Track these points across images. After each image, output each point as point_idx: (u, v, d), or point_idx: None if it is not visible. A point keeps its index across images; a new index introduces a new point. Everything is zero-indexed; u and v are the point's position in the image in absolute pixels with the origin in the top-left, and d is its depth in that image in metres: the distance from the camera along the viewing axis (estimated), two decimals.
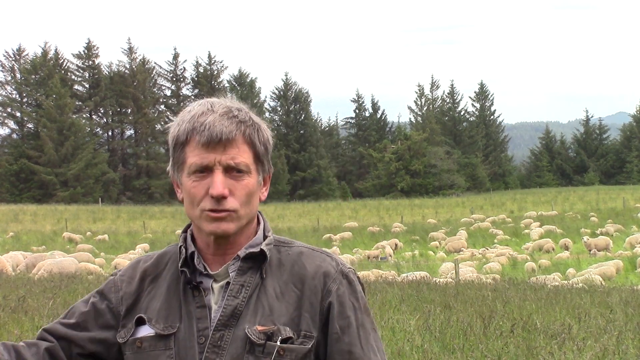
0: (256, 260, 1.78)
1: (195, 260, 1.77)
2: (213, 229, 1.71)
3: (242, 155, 1.72)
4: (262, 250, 1.78)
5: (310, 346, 1.74)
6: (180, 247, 1.80)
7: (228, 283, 1.75)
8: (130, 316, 1.81)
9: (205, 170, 1.71)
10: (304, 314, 1.75)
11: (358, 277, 1.85)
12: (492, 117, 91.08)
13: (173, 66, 77.48)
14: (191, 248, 1.78)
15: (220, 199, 1.69)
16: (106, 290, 1.86)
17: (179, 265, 1.78)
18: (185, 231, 1.83)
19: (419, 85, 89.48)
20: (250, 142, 1.74)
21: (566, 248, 25.35)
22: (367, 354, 1.77)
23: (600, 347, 6.74)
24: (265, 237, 1.81)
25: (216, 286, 1.76)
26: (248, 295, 1.74)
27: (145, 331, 1.77)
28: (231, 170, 1.71)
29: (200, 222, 1.73)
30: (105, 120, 75.63)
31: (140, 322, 1.79)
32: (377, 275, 17.02)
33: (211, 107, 1.73)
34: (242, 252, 1.77)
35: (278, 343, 1.70)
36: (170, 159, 1.79)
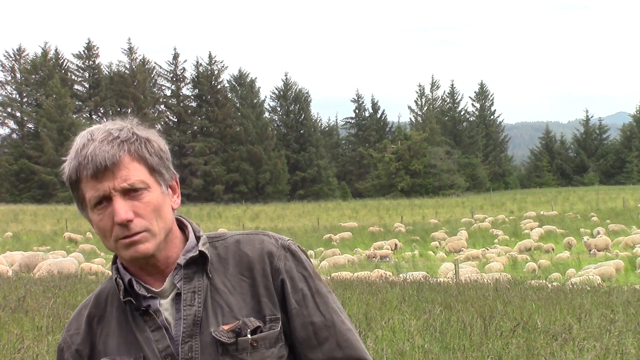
0: (198, 263, 1.76)
1: (135, 287, 1.74)
2: (132, 254, 1.69)
3: (135, 174, 1.68)
4: (201, 252, 1.76)
5: (279, 328, 1.75)
6: (116, 279, 1.77)
7: (178, 294, 1.74)
8: None
9: (104, 201, 1.68)
10: (262, 300, 1.75)
11: (299, 246, 1.84)
12: (492, 117, 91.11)
13: (173, 66, 77.52)
14: (127, 276, 1.75)
15: (127, 224, 1.66)
16: (59, 355, 1.83)
17: (121, 296, 1.75)
18: (114, 262, 1.80)
19: (419, 85, 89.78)
20: (139, 157, 1.70)
21: (570, 246, 25.33)
22: (329, 319, 1.78)
23: (602, 347, 6.72)
24: (197, 238, 1.80)
25: (166, 302, 1.74)
26: (202, 299, 1.73)
27: None
28: (129, 192, 1.67)
29: (118, 251, 1.71)
30: (105, 120, 74.88)
31: None
32: (378, 275, 17.00)
33: (91, 136, 1.70)
34: (181, 260, 1.74)
35: (249, 336, 1.71)
36: (74, 200, 1.76)
